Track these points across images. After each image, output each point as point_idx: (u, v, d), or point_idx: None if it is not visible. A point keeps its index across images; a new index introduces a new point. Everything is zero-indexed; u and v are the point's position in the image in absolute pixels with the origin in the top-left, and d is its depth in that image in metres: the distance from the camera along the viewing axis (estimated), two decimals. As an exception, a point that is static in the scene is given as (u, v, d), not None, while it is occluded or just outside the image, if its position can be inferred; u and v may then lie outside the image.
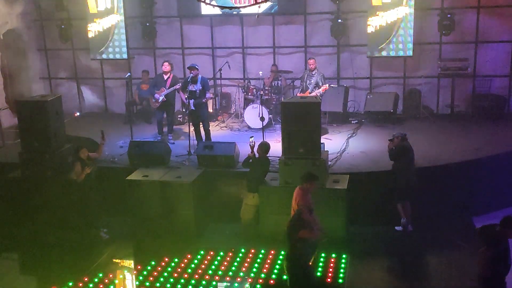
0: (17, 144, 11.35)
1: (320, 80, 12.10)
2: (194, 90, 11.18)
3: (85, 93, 15.73)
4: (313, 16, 13.89)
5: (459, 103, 13.35)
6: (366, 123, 13.05)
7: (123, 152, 11.06)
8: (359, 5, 13.38)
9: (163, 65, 12.01)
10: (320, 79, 12.12)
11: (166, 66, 11.94)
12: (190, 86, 11.23)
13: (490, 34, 13.12)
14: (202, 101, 11.27)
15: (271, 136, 11.87)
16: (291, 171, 8.88)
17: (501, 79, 13.24)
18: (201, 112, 11.36)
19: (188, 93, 11.18)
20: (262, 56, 14.44)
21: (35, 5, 15.14)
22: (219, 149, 10.32)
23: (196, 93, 11.18)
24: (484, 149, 10.60)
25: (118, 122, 13.95)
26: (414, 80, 13.68)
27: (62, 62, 15.73)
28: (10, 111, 13.88)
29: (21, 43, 15.13)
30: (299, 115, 8.77)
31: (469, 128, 12.25)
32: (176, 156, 10.93)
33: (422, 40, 13.35)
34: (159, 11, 14.73)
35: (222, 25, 14.44)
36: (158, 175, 9.65)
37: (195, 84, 11.20)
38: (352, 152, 10.93)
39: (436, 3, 13.02)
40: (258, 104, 12.26)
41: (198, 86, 11.18)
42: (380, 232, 9.42)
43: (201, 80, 11.25)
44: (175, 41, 14.85)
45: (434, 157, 10.28)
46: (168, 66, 11.98)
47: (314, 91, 11.92)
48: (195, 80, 11.22)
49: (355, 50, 13.84)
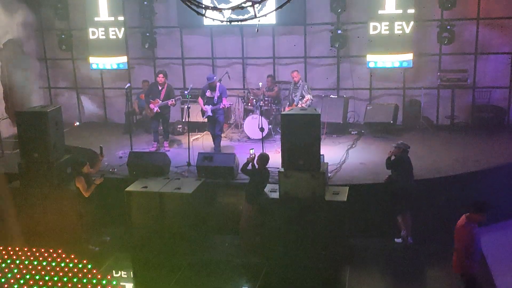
0: (16, 154, 11.32)
1: (304, 91, 12.09)
2: (212, 96, 11.54)
3: (85, 103, 15.74)
4: (313, 27, 13.91)
5: (459, 114, 13.35)
6: (366, 134, 13.05)
7: (122, 163, 11.05)
8: (359, 16, 13.41)
9: (158, 77, 12.08)
10: (304, 90, 12.11)
11: (161, 78, 12.05)
12: (208, 93, 11.62)
13: (490, 45, 13.15)
14: (219, 107, 11.56)
15: (271, 146, 11.87)
16: (290, 183, 8.86)
17: (500, 90, 13.26)
18: (219, 117, 11.68)
19: (206, 99, 11.59)
20: (262, 66, 14.46)
21: (35, 15, 15.16)
22: (219, 160, 10.31)
23: (214, 100, 11.51)
24: (484, 161, 10.60)
25: (118, 132, 13.96)
26: (414, 91, 13.70)
27: (62, 71, 15.75)
28: (10, 121, 13.86)
29: (21, 52, 15.14)
30: (299, 127, 8.77)
31: (469, 139, 12.25)
32: (175, 167, 10.92)
33: (422, 51, 13.37)
34: (159, 21, 14.76)
35: (222, 36, 14.47)
36: (157, 186, 9.64)
37: (213, 91, 11.54)
38: (351, 163, 10.91)
39: (435, 15, 13.05)
40: (257, 114, 12.27)
41: (216, 93, 11.52)
42: (380, 244, 9.38)
43: (219, 87, 11.58)
44: (175, 51, 14.88)
45: (434, 168, 10.27)
46: (163, 78, 12.05)
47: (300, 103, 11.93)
48: (213, 87, 11.56)
49: (355, 61, 13.85)
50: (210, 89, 11.62)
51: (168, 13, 14.59)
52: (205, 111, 11.71)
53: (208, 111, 11.58)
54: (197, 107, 13.34)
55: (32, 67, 15.52)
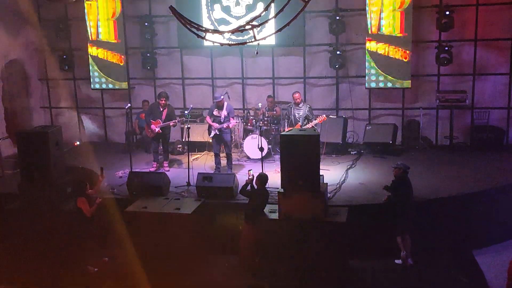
0: (16, 174, 11.35)
1: (308, 113, 12.16)
2: (219, 116, 11.63)
3: (85, 122, 15.79)
4: (312, 47, 14.04)
5: (457, 134, 13.40)
6: (365, 154, 13.08)
7: (122, 183, 11.07)
8: (357, 37, 13.52)
9: (160, 100, 12.13)
10: (308, 111, 12.19)
11: (163, 101, 12.10)
12: (215, 112, 11.70)
13: (488, 66, 13.25)
14: (224, 127, 11.64)
15: (270, 166, 11.88)
16: (290, 203, 8.87)
17: (499, 111, 13.32)
18: (225, 136, 11.71)
19: (213, 118, 11.67)
20: (262, 86, 14.55)
21: (37, 35, 15.28)
22: (218, 180, 10.32)
23: (221, 119, 11.60)
24: (483, 182, 10.60)
25: (118, 152, 13.98)
26: (412, 111, 13.76)
27: (63, 91, 15.78)
28: (11, 141, 13.89)
29: (22, 73, 15.25)
30: (298, 147, 8.80)
31: (468, 160, 12.26)
32: (175, 187, 10.93)
33: (420, 72, 13.47)
34: (159, 42, 14.89)
35: (222, 56, 14.57)
36: (157, 206, 9.64)
37: (221, 110, 11.63)
38: (351, 183, 10.93)
39: (433, 36, 13.17)
40: (257, 134, 12.31)
41: (223, 112, 11.59)
42: (380, 265, 9.34)
43: (227, 106, 11.68)
44: (175, 71, 14.98)
45: (433, 189, 10.26)
46: (164, 101, 12.12)
47: (307, 124, 11.95)
48: (220, 107, 11.65)
49: (354, 81, 13.94)
50: (218, 108, 11.71)
51: (168, 33, 14.72)
52: (212, 129, 11.73)
53: (216, 129, 11.62)
54: (197, 127, 13.44)
55: (33, 87, 15.61)
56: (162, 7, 14.17)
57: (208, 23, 14.02)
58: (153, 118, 12.10)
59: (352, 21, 13.52)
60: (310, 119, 12.06)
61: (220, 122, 11.63)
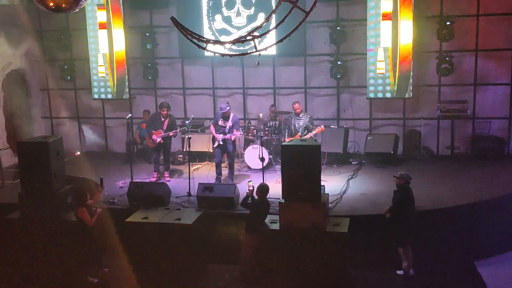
0: (16, 184, 11.33)
1: (309, 123, 12.17)
2: (224, 126, 11.65)
3: (86, 132, 15.80)
4: (313, 57, 14.06)
5: (459, 144, 13.38)
6: (366, 164, 13.06)
7: (122, 193, 11.05)
8: (358, 48, 13.54)
9: (162, 111, 12.13)
10: (308, 121, 12.20)
11: (165, 112, 12.11)
12: (220, 121, 11.73)
13: (489, 76, 13.26)
14: (227, 138, 11.65)
15: (271, 176, 11.88)
16: (291, 213, 8.84)
17: (500, 121, 13.31)
18: (229, 147, 11.75)
19: (217, 128, 11.72)
20: (263, 96, 14.57)
21: (39, 46, 15.33)
22: (219, 190, 10.31)
23: (226, 129, 11.60)
24: (485, 192, 10.57)
25: (119, 162, 13.96)
26: (413, 121, 13.76)
27: (64, 101, 15.82)
28: (11, 151, 13.89)
29: (23, 83, 15.28)
30: (299, 157, 8.78)
31: (470, 170, 12.23)
32: (176, 197, 10.91)
33: (421, 82, 13.47)
34: (160, 52, 14.91)
35: (223, 66, 14.60)
36: (157, 216, 9.61)
37: (226, 121, 11.66)
38: (352, 194, 10.90)
39: (434, 46, 13.19)
40: (258, 144, 12.30)
41: (229, 123, 11.63)
42: (381, 276, 9.29)
43: (233, 118, 11.71)
44: (176, 81, 15.00)
45: (435, 199, 10.24)
46: (166, 112, 12.13)
47: (306, 134, 11.97)
48: (226, 117, 11.68)
49: (354, 92, 13.95)
50: (224, 118, 11.73)
51: (169, 43, 14.75)
52: (216, 139, 11.78)
53: (220, 140, 11.66)
54: (198, 137, 13.41)
55: (34, 97, 15.64)
56: (163, 18, 14.22)
57: (209, 34, 14.06)
58: (155, 128, 12.10)
59: (353, 32, 13.52)
60: (310, 129, 12.07)
61: (225, 132, 11.64)
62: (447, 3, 12.99)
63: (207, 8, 14.14)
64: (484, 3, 12.87)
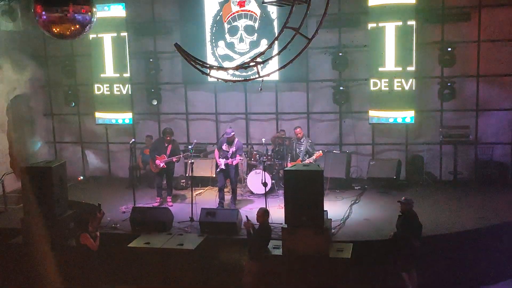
0: (19, 209, 11.33)
1: (309, 147, 12.21)
2: (227, 151, 11.71)
3: (89, 157, 15.83)
4: (316, 83, 14.14)
5: (462, 170, 13.35)
6: (369, 189, 13.03)
7: (125, 218, 11.03)
8: (360, 73, 13.62)
9: (166, 137, 12.20)
10: (309, 146, 12.24)
11: (168, 137, 12.18)
12: (224, 146, 11.79)
13: (491, 102, 13.28)
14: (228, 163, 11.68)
15: (274, 201, 11.86)
16: (294, 239, 8.80)
17: (503, 146, 13.30)
18: (230, 172, 11.76)
19: (221, 153, 11.77)
20: (265, 122, 14.62)
21: (43, 71, 15.47)
22: (222, 215, 10.29)
23: (228, 154, 11.67)
24: (488, 218, 10.53)
25: (121, 187, 13.98)
26: (416, 146, 13.77)
27: (67, 126, 15.93)
28: (15, 175, 13.92)
29: (28, 108, 15.38)
30: (302, 183, 8.78)
31: (473, 196, 12.20)
32: (178, 222, 10.88)
33: (423, 108, 13.50)
34: (164, 77, 15.02)
35: (226, 91, 14.68)
36: (160, 242, 9.58)
37: (230, 146, 11.71)
38: (355, 219, 10.86)
39: (436, 72, 13.27)
40: (261, 169, 12.30)
41: (232, 148, 11.68)
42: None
43: (237, 143, 11.78)
44: (180, 106, 15.08)
45: (439, 224, 10.20)
46: (169, 137, 12.19)
47: (306, 159, 12.00)
48: (231, 142, 11.74)
49: (357, 117, 14.00)
50: (228, 143, 11.79)
51: (173, 69, 14.85)
52: (218, 164, 11.81)
53: (221, 165, 11.67)
54: (200, 162, 13.45)
55: (38, 122, 15.72)
56: (167, 44, 14.34)
57: (212, 59, 14.17)
58: (158, 153, 12.13)
59: (355, 57, 13.63)
60: (310, 154, 12.09)
61: (227, 157, 11.68)
62: (449, 29, 13.11)
63: (210, 35, 14.29)
64: (485, 29, 12.96)
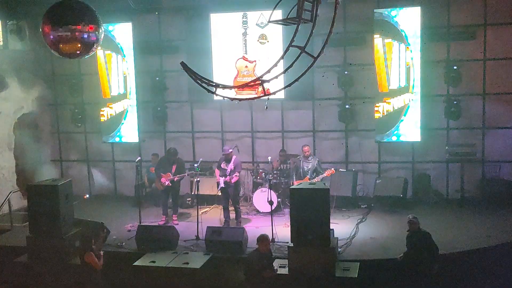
0: (25, 227, 11.32)
1: (317, 166, 12.20)
2: (225, 168, 11.74)
3: (95, 175, 15.86)
4: (321, 101, 14.16)
5: (468, 188, 13.27)
6: (375, 207, 12.97)
7: (131, 236, 11.01)
8: (366, 92, 13.62)
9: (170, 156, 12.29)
10: (317, 164, 12.23)
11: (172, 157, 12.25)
12: (223, 164, 11.86)
13: (497, 120, 13.25)
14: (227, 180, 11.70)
15: (280, 220, 11.81)
16: (300, 258, 8.75)
17: (510, 164, 13.22)
18: (229, 190, 11.77)
19: (221, 171, 11.81)
20: (271, 140, 14.62)
21: (51, 90, 15.58)
22: (228, 234, 10.25)
23: (227, 172, 11.68)
24: (496, 236, 10.44)
25: (127, 205, 13.98)
26: (423, 164, 13.72)
27: (73, 144, 15.99)
28: (21, 193, 13.95)
29: (35, 126, 15.47)
30: (308, 201, 8.76)
31: (480, 214, 12.13)
32: (184, 241, 10.85)
33: (429, 126, 13.47)
34: (170, 96, 15.09)
35: (231, 110, 14.70)
36: (165, 260, 9.57)
37: (228, 163, 11.76)
38: (362, 238, 10.79)
39: (441, 90, 13.27)
40: (266, 187, 12.28)
41: (230, 165, 11.73)
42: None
43: (234, 160, 11.82)
44: (186, 124, 15.12)
45: (446, 243, 10.09)
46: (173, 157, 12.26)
47: (315, 177, 11.96)
48: (228, 160, 11.80)
49: (363, 135, 13.98)
50: (226, 161, 11.85)
51: (179, 87, 14.90)
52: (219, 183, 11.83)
53: (221, 183, 11.68)
54: (206, 180, 13.44)
55: (45, 140, 15.79)
56: (173, 62, 14.40)
57: (218, 78, 14.21)
58: (164, 171, 12.16)
59: (360, 75, 13.66)
60: (318, 172, 12.07)
61: (226, 175, 11.69)
62: (454, 48, 13.14)
63: (216, 53, 14.36)
64: (490, 47, 12.99)
